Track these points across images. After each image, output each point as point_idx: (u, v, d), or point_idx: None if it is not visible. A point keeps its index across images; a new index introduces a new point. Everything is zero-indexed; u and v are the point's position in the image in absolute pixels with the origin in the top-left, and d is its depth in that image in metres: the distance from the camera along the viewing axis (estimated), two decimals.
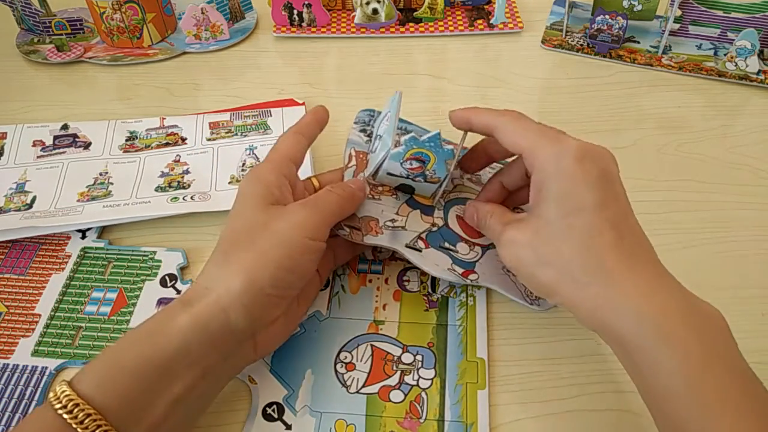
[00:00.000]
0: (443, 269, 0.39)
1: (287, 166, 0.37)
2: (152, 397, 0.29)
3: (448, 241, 0.40)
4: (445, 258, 0.39)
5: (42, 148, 0.52)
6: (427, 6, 0.66)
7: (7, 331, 0.40)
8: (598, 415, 0.36)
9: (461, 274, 0.39)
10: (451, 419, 0.35)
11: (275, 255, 0.32)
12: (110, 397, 0.28)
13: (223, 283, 0.31)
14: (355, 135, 0.44)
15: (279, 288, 0.33)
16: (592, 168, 0.31)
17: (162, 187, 0.48)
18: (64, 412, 0.27)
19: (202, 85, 0.61)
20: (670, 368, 0.27)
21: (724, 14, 0.60)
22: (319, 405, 0.36)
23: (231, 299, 0.31)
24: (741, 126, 0.55)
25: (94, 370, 0.29)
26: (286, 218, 0.33)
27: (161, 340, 0.30)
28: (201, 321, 0.30)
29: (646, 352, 0.28)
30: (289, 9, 0.65)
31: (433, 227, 0.41)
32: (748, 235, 0.45)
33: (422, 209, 0.41)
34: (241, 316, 0.31)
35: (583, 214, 0.31)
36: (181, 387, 0.30)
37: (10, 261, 0.44)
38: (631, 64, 0.61)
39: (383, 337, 0.39)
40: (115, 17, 0.62)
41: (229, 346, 0.32)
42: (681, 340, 0.28)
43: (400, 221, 0.40)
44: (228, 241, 0.33)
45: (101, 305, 0.41)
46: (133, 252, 0.44)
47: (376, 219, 0.39)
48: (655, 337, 0.28)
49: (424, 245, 0.39)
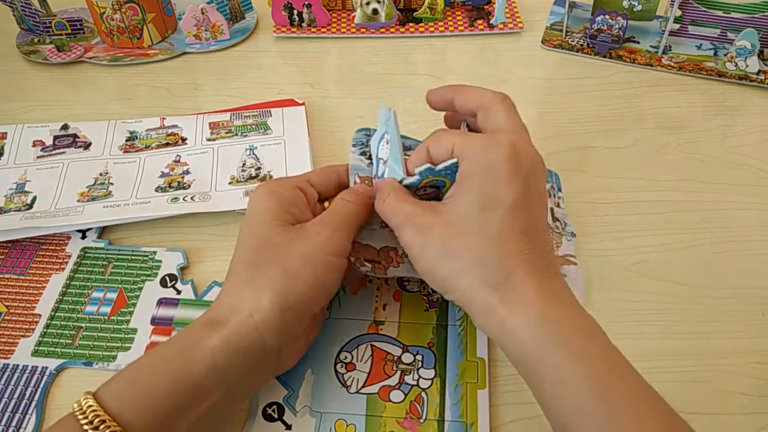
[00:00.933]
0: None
1: (306, 186, 0.37)
2: (178, 417, 0.29)
3: None
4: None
5: (42, 148, 0.52)
6: (427, 6, 0.66)
7: (7, 331, 0.40)
8: None
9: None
10: (451, 419, 0.35)
11: (303, 274, 0.32)
12: (137, 416, 0.27)
13: (252, 302, 0.31)
14: (356, 159, 0.41)
15: (308, 305, 0.33)
16: (518, 168, 0.31)
17: (162, 187, 0.48)
18: (90, 427, 0.27)
19: (202, 85, 0.61)
20: (576, 379, 0.27)
21: (724, 14, 0.60)
22: (319, 405, 0.36)
23: (263, 317, 0.31)
24: (741, 126, 0.55)
25: (120, 385, 0.29)
26: (309, 238, 0.33)
27: (191, 361, 0.29)
28: (233, 340, 0.30)
29: (548, 363, 0.28)
30: (289, 9, 0.65)
31: None
32: (748, 235, 0.45)
33: None
34: (273, 333, 0.31)
35: (498, 212, 0.31)
36: (207, 406, 0.30)
37: (10, 261, 0.44)
38: (631, 64, 0.61)
39: (383, 337, 0.39)
40: (115, 17, 0.62)
41: (257, 363, 0.32)
42: (585, 351, 0.28)
43: None
44: (249, 260, 0.33)
45: (101, 305, 0.41)
46: (133, 252, 0.44)
47: (395, 248, 0.37)
48: (560, 347, 0.28)
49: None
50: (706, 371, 0.37)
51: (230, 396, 0.31)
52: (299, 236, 0.33)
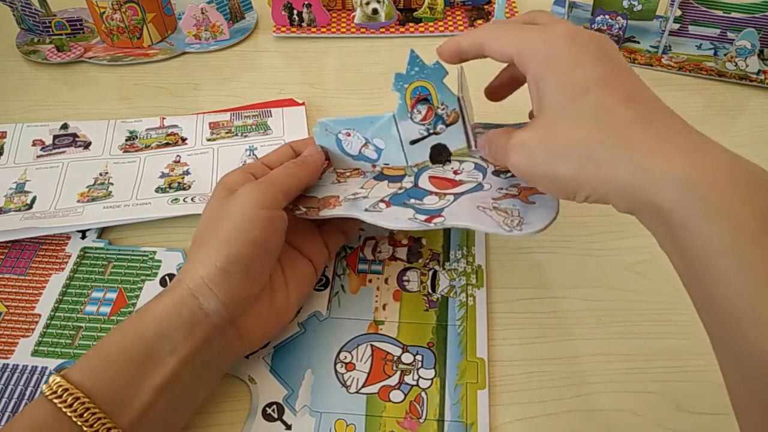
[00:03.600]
0: (403, 220, 0.35)
1: (259, 168, 0.38)
2: (136, 383, 0.30)
3: (414, 198, 0.37)
4: (407, 211, 0.36)
5: (42, 148, 0.52)
6: (427, 6, 0.66)
7: (7, 331, 0.40)
8: (598, 415, 0.36)
9: (424, 220, 0.35)
10: (451, 419, 0.35)
11: (230, 232, 0.33)
12: (98, 384, 0.29)
13: (190, 272, 0.33)
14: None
15: (242, 265, 0.33)
16: (587, 46, 0.29)
17: (162, 188, 0.48)
18: (54, 397, 0.28)
19: (202, 85, 0.61)
20: (720, 246, 0.24)
21: (724, 14, 0.60)
22: (319, 405, 0.36)
23: (197, 284, 0.32)
24: (741, 126, 0.55)
25: (84, 361, 0.30)
26: (237, 198, 0.35)
27: (140, 329, 0.31)
28: (174, 307, 0.32)
29: (690, 228, 0.25)
30: (289, 9, 0.65)
31: (400, 190, 0.38)
32: None
33: (390, 179, 0.39)
34: (211, 298, 0.32)
35: (590, 93, 0.28)
36: (165, 373, 0.31)
37: (10, 261, 0.44)
38: (631, 64, 0.61)
39: (383, 337, 0.39)
40: (115, 17, 0.62)
41: (207, 332, 0.32)
42: (732, 212, 0.24)
43: (363, 193, 0.38)
44: (195, 236, 0.35)
45: (101, 305, 0.41)
46: (133, 252, 0.44)
47: (336, 196, 0.39)
48: (702, 208, 0.24)
49: (385, 206, 0.37)
50: (707, 371, 0.37)
51: (191, 366, 0.32)
52: (230, 199, 0.35)
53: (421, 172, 0.39)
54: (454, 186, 0.38)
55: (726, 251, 0.24)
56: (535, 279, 0.43)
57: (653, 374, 0.37)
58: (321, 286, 0.42)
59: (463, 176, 0.38)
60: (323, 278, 0.42)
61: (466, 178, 0.38)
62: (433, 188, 0.38)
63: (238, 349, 0.35)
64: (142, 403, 0.29)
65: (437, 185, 0.38)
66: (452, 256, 0.43)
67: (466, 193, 0.37)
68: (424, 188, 0.38)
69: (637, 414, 0.36)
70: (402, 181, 0.39)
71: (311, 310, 0.40)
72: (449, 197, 0.37)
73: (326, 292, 0.41)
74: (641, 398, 0.36)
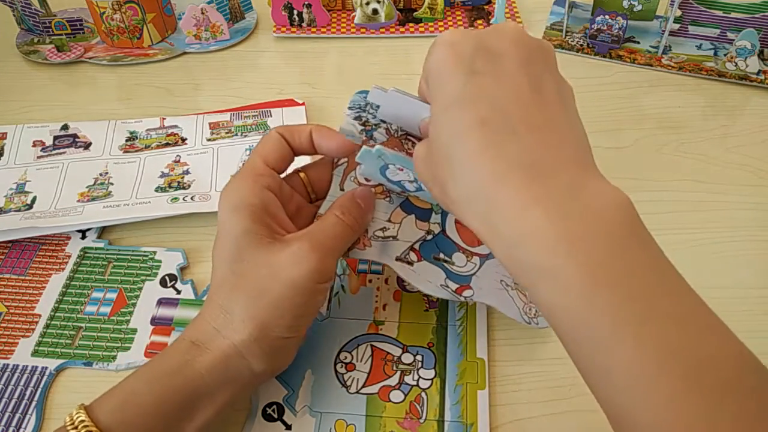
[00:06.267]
0: (436, 285, 0.36)
1: (267, 177, 0.33)
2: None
3: (443, 252, 0.37)
4: (439, 272, 0.36)
5: (42, 149, 0.52)
6: (427, 6, 0.66)
7: (7, 331, 0.40)
8: (598, 415, 0.36)
9: (455, 290, 0.36)
10: (451, 419, 0.35)
11: (288, 304, 0.30)
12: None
13: (234, 331, 0.30)
14: (349, 124, 0.38)
15: (293, 331, 0.32)
16: (458, 57, 0.26)
17: (162, 187, 0.48)
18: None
19: (202, 85, 0.61)
20: (564, 285, 0.23)
21: (724, 14, 0.60)
22: (319, 405, 0.36)
23: (247, 347, 0.30)
24: (741, 126, 0.55)
25: (112, 401, 0.29)
26: (295, 264, 0.30)
27: (182, 381, 0.29)
28: (221, 365, 0.30)
29: (534, 269, 0.23)
30: (289, 9, 0.65)
31: (428, 235, 0.37)
32: (748, 235, 0.45)
33: (417, 214, 0.38)
34: (260, 360, 0.31)
35: (451, 110, 0.26)
36: (201, 421, 0.30)
37: (10, 261, 0.44)
38: (631, 64, 0.61)
39: (383, 338, 0.39)
40: (115, 17, 0.62)
41: (248, 383, 0.32)
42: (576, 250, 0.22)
43: (392, 230, 0.37)
44: (230, 282, 0.31)
45: (101, 305, 0.41)
46: (133, 252, 0.44)
47: (364, 232, 0.36)
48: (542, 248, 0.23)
49: (416, 257, 0.36)
50: None
51: (221, 410, 0.31)
52: (283, 259, 0.31)
53: (447, 213, 0.38)
54: (478, 244, 0.37)
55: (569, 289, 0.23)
56: None
57: None
58: None
59: None
60: None
61: None
62: (459, 241, 0.37)
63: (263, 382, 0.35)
64: None
65: (463, 237, 0.37)
66: None
67: (488, 259, 0.37)
68: (451, 238, 0.37)
69: None
70: (429, 219, 0.38)
71: None
72: (476, 259, 0.37)
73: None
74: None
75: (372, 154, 0.33)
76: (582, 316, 0.23)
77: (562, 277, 0.23)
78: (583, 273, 0.22)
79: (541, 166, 0.24)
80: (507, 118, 0.25)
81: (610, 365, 0.22)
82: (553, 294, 0.23)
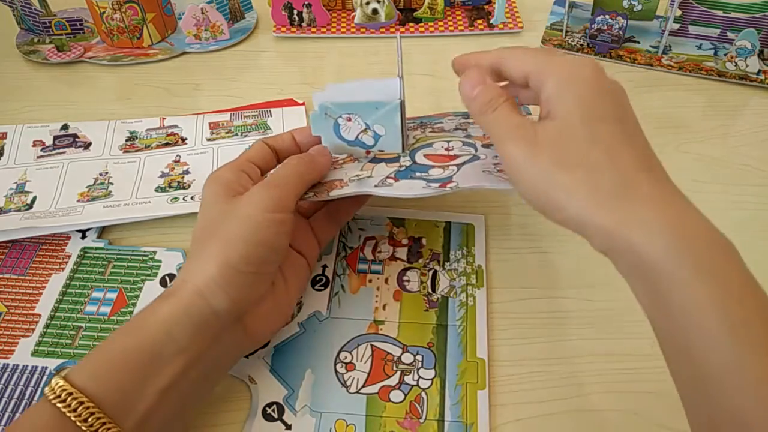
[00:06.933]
0: (418, 189, 0.35)
1: (248, 165, 0.37)
2: (141, 386, 0.29)
3: (419, 172, 0.37)
4: (418, 182, 0.36)
5: (42, 148, 0.52)
6: (427, 6, 0.66)
7: (7, 331, 0.40)
8: (598, 415, 0.36)
9: (438, 186, 0.35)
10: (451, 419, 0.35)
11: (241, 234, 0.33)
12: (102, 387, 0.29)
13: (197, 272, 0.32)
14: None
15: (252, 264, 0.33)
16: (607, 84, 0.31)
17: (162, 187, 0.48)
18: (57, 401, 0.28)
19: (202, 85, 0.61)
20: (706, 302, 0.24)
21: (724, 14, 0.60)
22: (319, 405, 0.36)
23: (206, 283, 0.32)
24: (741, 126, 0.55)
25: (86, 364, 0.30)
26: (246, 201, 0.34)
27: (145, 331, 0.31)
28: (181, 308, 0.31)
29: (677, 281, 0.25)
30: (289, 9, 0.65)
31: (401, 168, 0.38)
32: (748, 235, 0.45)
33: (387, 161, 0.39)
34: (220, 297, 0.32)
35: (606, 124, 0.29)
36: (171, 374, 0.30)
37: (10, 261, 0.44)
38: (631, 64, 0.61)
39: (383, 337, 0.39)
40: (115, 17, 0.62)
41: (215, 330, 0.32)
42: (718, 271, 0.24)
43: (366, 174, 0.38)
44: (198, 236, 0.35)
45: (101, 305, 0.41)
46: (133, 252, 0.44)
47: (340, 179, 0.38)
48: (691, 263, 0.25)
49: (393, 181, 0.37)
50: None
51: (199, 365, 0.32)
52: (238, 202, 0.34)
53: (415, 152, 0.39)
54: (451, 159, 0.38)
55: (712, 308, 0.24)
56: (535, 279, 0.43)
57: (653, 374, 0.37)
58: (321, 286, 0.42)
59: (455, 152, 0.38)
60: (323, 278, 0.42)
61: (460, 152, 0.38)
62: (432, 163, 0.38)
63: (245, 346, 0.35)
64: (146, 406, 0.29)
65: (435, 160, 0.38)
66: (452, 256, 0.43)
67: (466, 163, 0.37)
68: (423, 163, 0.38)
69: (637, 414, 0.36)
70: (399, 161, 0.39)
71: (311, 310, 0.40)
72: (452, 167, 0.37)
73: (326, 292, 0.41)
74: (641, 398, 0.36)
75: (317, 114, 0.38)
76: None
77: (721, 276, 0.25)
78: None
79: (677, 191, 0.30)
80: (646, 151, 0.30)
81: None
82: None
